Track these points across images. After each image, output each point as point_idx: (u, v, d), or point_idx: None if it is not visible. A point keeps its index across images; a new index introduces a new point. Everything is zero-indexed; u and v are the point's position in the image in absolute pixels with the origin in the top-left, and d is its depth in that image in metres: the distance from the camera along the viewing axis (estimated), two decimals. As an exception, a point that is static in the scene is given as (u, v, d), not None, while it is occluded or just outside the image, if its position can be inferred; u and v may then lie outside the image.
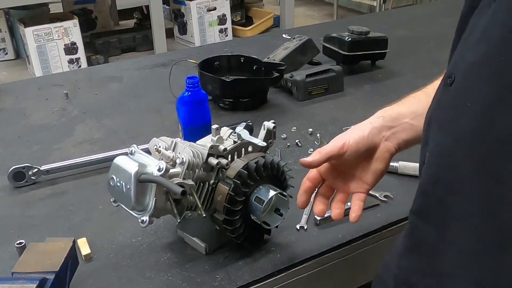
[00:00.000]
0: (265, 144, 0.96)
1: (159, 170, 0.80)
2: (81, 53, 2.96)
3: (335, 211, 0.89)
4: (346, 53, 1.69)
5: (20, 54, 3.19)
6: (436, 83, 0.77)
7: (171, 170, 0.83)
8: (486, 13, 0.61)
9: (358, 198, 0.89)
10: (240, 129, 0.95)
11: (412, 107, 0.91)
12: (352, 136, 0.88)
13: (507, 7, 0.56)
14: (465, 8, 0.70)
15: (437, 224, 0.67)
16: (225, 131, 0.95)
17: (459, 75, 0.64)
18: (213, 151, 0.89)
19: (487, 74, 0.59)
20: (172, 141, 0.90)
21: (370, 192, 1.10)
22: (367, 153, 0.88)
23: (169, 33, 3.30)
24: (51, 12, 3.24)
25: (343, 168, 0.90)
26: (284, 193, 0.92)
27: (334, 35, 1.74)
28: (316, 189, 0.92)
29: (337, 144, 0.87)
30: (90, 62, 3.03)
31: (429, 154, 0.69)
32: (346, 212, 1.05)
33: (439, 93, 0.70)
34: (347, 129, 1.36)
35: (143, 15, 3.59)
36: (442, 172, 0.66)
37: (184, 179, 0.84)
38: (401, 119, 0.89)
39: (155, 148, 0.88)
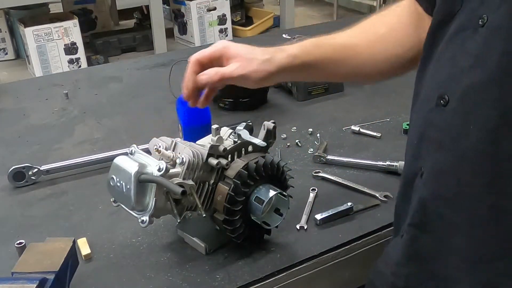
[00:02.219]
0: (265, 144, 0.96)
1: (159, 170, 0.80)
2: (81, 53, 2.96)
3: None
4: (346, 53, 1.68)
5: (20, 54, 3.19)
6: (367, 22, 0.96)
7: (171, 170, 0.83)
8: (473, 38, 0.64)
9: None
10: (240, 129, 0.95)
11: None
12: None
13: (506, 36, 0.59)
14: (434, 24, 0.74)
15: (438, 235, 0.70)
16: (225, 131, 0.95)
17: (454, 98, 0.66)
18: (213, 151, 0.89)
19: (489, 99, 0.62)
20: (172, 141, 0.90)
21: (370, 192, 1.11)
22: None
23: (169, 33, 3.30)
24: (51, 12, 3.23)
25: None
26: (284, 193, 0.92)
27: (334, 35, 1.74)
28: None
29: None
30: (90, 62, 3.02)
31: (427, 171, 0.72)
32: (346, 213, 1.06)
33: (430, 112, 0.72)
34: (347, 129, 1.38)
35: (143, 15, 3.59)
36: (443, 188, 0.69)
37: (184, 179, 0.84)
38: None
39: (155, 148, 0.88)
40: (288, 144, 1.32)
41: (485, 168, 0.63)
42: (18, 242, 0.87)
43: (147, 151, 0.88)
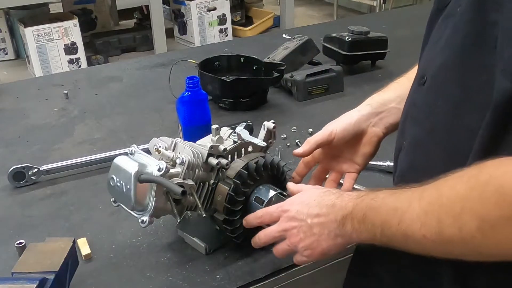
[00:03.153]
0: (265, 144, 0.96)
1: (159, 170, 0.80)
2: (81, 53, 2.96)
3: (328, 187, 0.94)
4: (346, 53, 1.69)
5: (20, 54, 3.19)
6: (415, 69, 0.86)
7: (171, 170, 0.83)
8: (450, 23, 0.71)
9: (350, 177, 0.98)
10: (240, 129, 0.95)
11: (397, 92, 0.98)
12: (339, 124, 0.96)
13: (466, 19, 0.66)
14: (432, 11, 0.79)
15: None
16: (225, 131, 0.95)
17: (429, 77, 0.74)
18: (213, 151, 0.89)
19: (453, 77, 0.69)
20: (172, 141, 0.90)
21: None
22: (355, 138, 0.96)
23: (169, 33, 3.30)
24: (51, 12, 3.23)
25: (334, 152, 0.99)
26: (284, 193, 0.92)
27: (334, 35, 1.74)
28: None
29: (325, 132, 0.96)
30: (90, 62, 3.02)
31: (406, 144, 0.80)
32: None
33: (414, 92, 0.80)
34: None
35: (143, 15, 3.59)
36: (417, 159, 0.77)
37: (184, 179, 0.84)
38: (388, 104, 0.96)
39: (155, 148, 0.88)
40: (288, 144, 1.32)
41: (449, 140, 0.69)
42: (18, 242, 0.87)
43: (147, 151, 0.88)
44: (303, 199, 0.81)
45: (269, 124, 0.97)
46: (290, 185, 0.89)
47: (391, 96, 0.98)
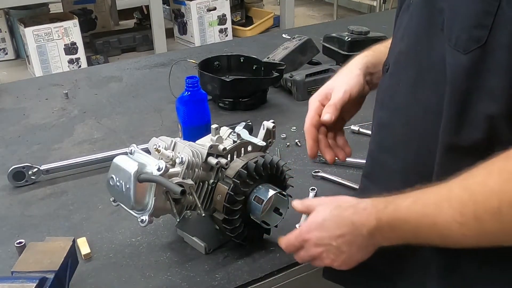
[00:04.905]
0: (264, 143, 0.96)
1: (158, 169, 0.80)
2: (81, 53, 2.96)
3: (328, 156, 0.97)
4: (346, 53, 1.69)
5: (20, 54, 3.18)
6: None
7: (171, 170, 0.83)
8: (406, 15, 0.78)
9: (343, 140, 0.99)
10: (239, 128, 0.95)
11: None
12: (352, 85, 0.95)
13: (418, 9, 0.74)
14: (397, 9, 0.85)
15: (381, 183, 0.82)
16: (224, 130, 0.96)
17: (391, 64, 0.82)
18: (213, 151, 0.89)
19: (409, 60, 0.76)
20: (172, 141, 0.90)
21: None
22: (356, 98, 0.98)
23: (169, 33, 3.30)
24: (51, 12, 3.23)
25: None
26: (283, 192, 0.92)
27: (333, 35, 1.74)
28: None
29: (345, 96, 0.94)
30: (90, 62, 3.02)
31: (374, 127, 0.87)
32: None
33: (380, 80, 0.88)
34: (347, 129, 1.37)
35: (143, 15, 3.59)
36: (384, 140, 0.83)
37: (183, 178, 0.84)
38: (378, 66, 0.95)
39: (155, 148, 0.88)
40: (287, 143, 1.33)
41: (409, 118, 0.76)
42: (18, 241, 0.87)
43: (147, 150, 0.88)
44: (318, 221, 0.79)
45: (269, 124, 0.97)
46: (296, 204, 0.86)
47: (382, 58, 0.97)
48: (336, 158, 0.97)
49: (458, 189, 0.64)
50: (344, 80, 0.96)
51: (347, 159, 1.21)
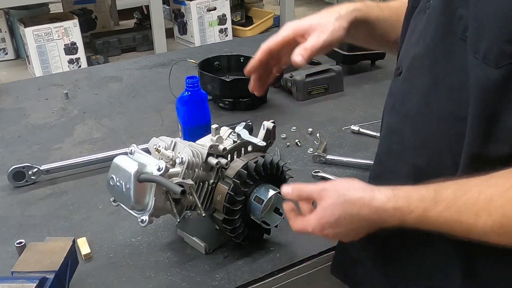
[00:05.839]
0: (264, 143, 0.96)
1: (158, 169, 0.80)
2: (81, 53, 2.95)
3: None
4: (346, 53, 1.69)
5: (20, 54, 3.18)
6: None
7: (171, 170, 0.83)
8: (422, 18, 0.76)
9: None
10: (239, 128, 0.95)
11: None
12: (334, 39, 0.91)
13: (436, 13, 0.72)
14: (408, 9, 0.84)
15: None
16: (224, 130, 0.96)
17: (404, 68, 0.80)
18: (213, 151, 0.89)
19: (424, 66, 0.74)
20: (172, 141, 0.90)
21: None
22: None
23: (169, 33, 3.29)
24: (51, 12, 3.23)
25: None
26: (283, 192, 0.92)
27: (334, 35, 1.74)
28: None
29: (324, 45, 0.90)
30: (90, 62, 3.02)
31: (383, 131, 0.86)
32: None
33: (391, 82, 0.85)
34: (347, 129, 1.38)
35: (143, 15, 3.58)
36: (393, 145, 0.82)
37: (183, 178, 0.84)
38: (362, 26, 0.94)
39: (155, 148, 0.88)
40: (287, 144, 1.33)
41: (421, 126, 0.75)
42: (18, 241, 0.87)
43: (147, 151, 0.89)
44: (331, 222, 0.75)
45: (269, 124, 0.97)
46: (287, 191, 0.82)
47: (369, 20, 0.97)
48: None
49: (500, 200, 0.63)
50: (329, 28, 0.90)
51: (347, 159, 1.22)
